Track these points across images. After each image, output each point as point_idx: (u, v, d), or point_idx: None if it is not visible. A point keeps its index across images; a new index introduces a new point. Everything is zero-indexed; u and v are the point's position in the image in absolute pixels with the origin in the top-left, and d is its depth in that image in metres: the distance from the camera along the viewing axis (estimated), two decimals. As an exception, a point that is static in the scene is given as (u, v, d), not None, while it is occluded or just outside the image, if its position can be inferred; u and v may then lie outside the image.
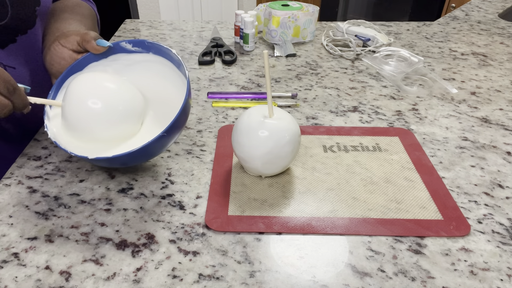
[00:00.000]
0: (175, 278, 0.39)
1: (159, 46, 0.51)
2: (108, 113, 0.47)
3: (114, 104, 0.47)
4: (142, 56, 0.53)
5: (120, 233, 0.44)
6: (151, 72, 0.53)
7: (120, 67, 0.54)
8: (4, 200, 0.48)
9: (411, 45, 0.95)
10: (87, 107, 0.46)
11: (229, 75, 0.80)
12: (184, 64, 0.48)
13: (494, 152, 0.58)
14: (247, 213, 0.46)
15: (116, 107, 0.47)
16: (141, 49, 0.53)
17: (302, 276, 0.39)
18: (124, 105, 0.48)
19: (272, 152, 0.47)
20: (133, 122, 0.49)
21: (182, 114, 0.45)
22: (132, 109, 0.49)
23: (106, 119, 0.47)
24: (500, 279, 0.39)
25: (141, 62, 0.54)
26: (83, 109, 0.46)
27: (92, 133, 0.47)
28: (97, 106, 0.46)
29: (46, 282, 0.39)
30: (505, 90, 0.75)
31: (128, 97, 0.49)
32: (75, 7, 0.67)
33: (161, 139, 0.44)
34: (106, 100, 0.47)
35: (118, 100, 0.48)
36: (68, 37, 0.53)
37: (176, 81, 0.52)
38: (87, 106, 0.46)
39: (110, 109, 0.47)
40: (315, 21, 0.94)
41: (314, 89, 0.75)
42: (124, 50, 0.54)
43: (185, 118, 0.47)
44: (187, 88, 0.45)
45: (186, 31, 1.02)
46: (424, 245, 0.43)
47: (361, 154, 0.56)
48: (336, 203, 0.48)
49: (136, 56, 0.54)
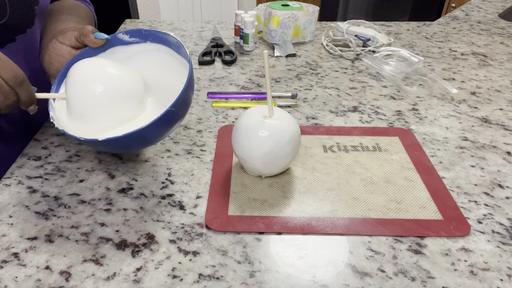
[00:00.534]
0: (175, 278, 0.39)
1: (156, 32, 0.51)
2: (111, 96, 0.47)
3: (117, 87, 0.47)
4: (140, 46, 0.53)
5: (120, 233, 0.44)
6: (150, 62, 0.53)
7: (119, 59, 0.54)
8: (4, 200, 0.48)
9: (411, 45, 0.95)
10: (90, 92, 0.46)
11: (229, 75, 0.80)
12: (183, 45, 0.48)
13: (494, 152, 0.58)
14: (247, 213, 0.46)
15: (119, 90, 0.47)
16: (139, 39, 0.53)
17: (302, 276, 0.39)
18: (127, 88, 0.48)
19: (272, 152, 0.47)
20: (136, 104, 0.49)
21: (187, 90, 0.44)
22: (135, 92, 0.49)
23: (109, 102, 0.47)
24: (500, 279, 0.39)
25: (140, 52, 0.54)
26: (86, 94, 0.46)
27: (96, 117, 0.47)
28: (100, 89, 0.46)
29: (46, 282, 0.39)
30: (505, 90, 0.75)
31: (130, 79, 0.49)
32: (72, 8, 0.67)
33: (168, 115, 0.43)
34: (108, 84, 0.47)
35: (120, 83, 0.48)
36: (66, 33, 0.53)
37: (177, 67, 0.51)
38: (90, 91, 0.46)
39: (113, 92, 0.47)
40: (315, 21, 0.94)
41: (314, 89, 0.75)
42: (121, 42, 0.53)
43: (190, 96, 0.47)
44: (189, 69, 0.45)
45: (186, 31, 1.02)
46: (424, 245, 0.43)
47: (361, 154, 0.56)
48: (336, 203, 0.48)
49: (134, 47, 0.54)
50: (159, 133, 0.46)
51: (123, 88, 0.48)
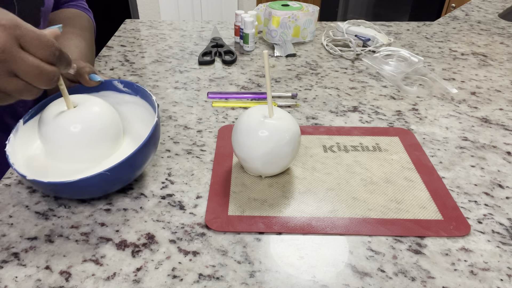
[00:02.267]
0: (175, 278, 0.39)
1: (144, 90, 0.52)
2: (87, 134, 0.46)
3: (93, 125, 0.47)
4: (131, 97, 0.55)
5: (120, 233, 0.44)
6: (135, 115, 0.54)
7: (110, 103, 0.54)
8: (4, 200, 0.48)
9: (411, 45, 0.95)
10: (67, 132, 0.45)
11: (229, 75, 0.80)
12: (158, 110, 0.48)
13: (494, 152, 0.58)
14: (247, 213, 0.46)
15: (94, 127, 0.46)
16: (131, 90, 0.54)
17: (302, 276, 0.39)
18: (103, 125, 0.47)
19: (272, 152, 0.47)
20: (112, 142, 0.49)
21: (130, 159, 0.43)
22: (112, 129, 0.48)
23: (85, 140, 0.46)
24: (500, 279, 0.39)
25: (130, 103, 0.55)
26: (63, 135, 0.45)
27: (71, 155, 0.47)
28: (77, 129, 0.45)
29: (46, 282, 0.39)
30: (505, 90, 0.75)
31: (107, 117, 0.48)
32: (75, 19, 0.68)
33: (103, 177, 0.42)
34: (86, 123, 0.46)
35: (98, 120, 0.47)
36: None
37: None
38: (67, 131, 0.45)
39: (89, 130, 0.46)
40: (315, 21, 0.94)
41: (314, 89, 0.75)
42: (115, 88, 0.55)
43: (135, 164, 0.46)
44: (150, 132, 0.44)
45: (186, 31, 1.02)
46: (424, 245, 0.43)
47: (361, 154, 0.56)
48: (336, 203, 0.48)
49: (126, 97, 0.55)
50: (98, 189, 0.45)
51: (98, 125, 0.47)
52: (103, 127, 0.47)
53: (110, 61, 0.84)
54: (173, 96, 0.71)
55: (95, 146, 0.47)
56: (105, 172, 0.41)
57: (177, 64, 0.84)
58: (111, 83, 0.54)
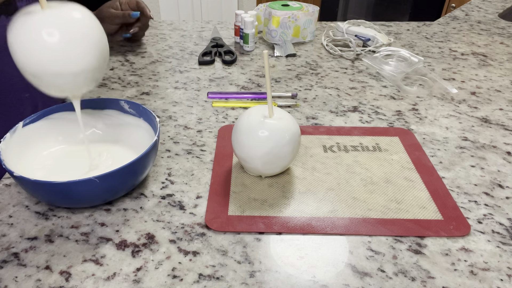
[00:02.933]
0: (175, 278, 0.39)
1: (149, 113, 0.52)
2: (63, 42, 0.39)
3: (74, 34, 0.39)
4: (134, 119, 0.54)
5: (120, 233, 0.44)
6: (136, 138, 0.54)
7: (113, 123, 0.55)
8: (4, 200, 0.48)
9: (411, 45, 0.95)
10: (38, 38, 0.38)
11: (229, 75, 0.80)
12: (159, 132, 0.48)
13: (494, 152, 0.58)
14: (247, 213, 0.46)
15: (74, 35, 0.39)
16: (135, 112, 0.54)
17: (302, 276, 0.39)
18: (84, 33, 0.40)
19: (272, 152, 0.47)
20: (99, 54, 0.42)
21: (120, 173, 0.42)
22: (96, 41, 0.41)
23: (61, 50, 0.39)
24: (500, 279, 0.39)
25: (132, 125, 0.55)
26: (37, 45, 0.38)
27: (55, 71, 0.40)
28: (52, 37, 0.38)
29: (46, 282, 0.39)
30: (505, 90, 0.75)
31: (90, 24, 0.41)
32: None
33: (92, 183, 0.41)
34: (63, 28, 0.39)
35: (79, 28, 0.40)
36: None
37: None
38: (40, 37, 0.38)
39: (69, 40, 0.39)
40: (315, 21, 0.94)
41: (314, 89, 0.75)
42: (120, 108, 0.55)
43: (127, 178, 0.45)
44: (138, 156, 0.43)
45: (186, 31, 1.02)
46: (424, 245, 0.43)
47: (361, 154, 0.56)
48: (336, 203, 0.48)
49: (130, 118, 0.55)
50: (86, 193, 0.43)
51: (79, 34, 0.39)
52: (82, 35, 0.40)
53: (110, 61, 0.84)
54: (173, 96, 0.71)
55: (71, 57, 0.39)
56: (94, 178, 0.41)
57: (177, 64, 0.84)
58: (117, 103, 0.54)
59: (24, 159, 0.49)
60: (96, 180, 0.41)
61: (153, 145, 0.46)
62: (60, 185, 0.41)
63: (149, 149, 0.45)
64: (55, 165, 0.51)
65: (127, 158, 0.45)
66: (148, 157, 0.46)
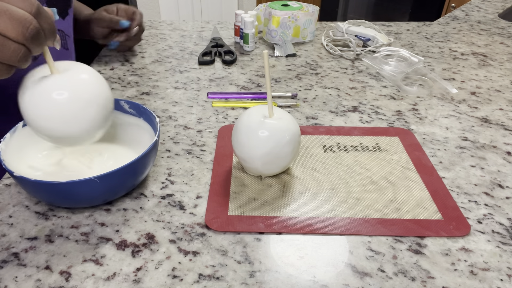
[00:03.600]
0: (175, 278, 0.39)
1: (149, 113, 0.52)
2: (73, 102, 0.41)
3: (80, 92, 0.41)
4: (134, 119, 0.55)
5: (120, 233, 0.44)
6: (136, 137, 0.54)
7: (113, 124, 0.55)
8: (4, 200, 0.48)
9: (411, 45, 0.95)
10: (49, 99, 0.40)
11: (229, 75, 0.80)
12: (159, 132, 0.48)
13: (494, 152, 0.58)
14: (247, 213, 0.46)
15: (81, 96, 0.41)
16: (136, 112, 0.54)
17: (302, 276, 0.39)
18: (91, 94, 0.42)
19: (272, 152, 0.47)
20: (101, 117, 0.44)
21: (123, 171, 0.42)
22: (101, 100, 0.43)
23: (70, 110, 0.41)
24: (500, 279, 0.39)
25: (133, 125, 0.55)
26: (43, 102, 0.40)
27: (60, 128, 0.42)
28: (62, 97, 0.40)
29: (46, 282, 0.39)
30: (505, 90, 0.75)
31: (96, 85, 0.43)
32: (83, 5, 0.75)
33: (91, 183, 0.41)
34: (72, 89, 0.41)
35: (85, 88, 0.42)
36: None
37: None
38: (50, 98, 0.40)
39: (76, 99, 0.41)
40: (315, 21, 0.94)
41: (314, 89, 0.75)
42: (121, 108, 0.55)
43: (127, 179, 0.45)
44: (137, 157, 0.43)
45: (186, 31, 1.02)
46: (424, 245, 0.43)
47: (361, 154, 0.56)
48: (336, 203, 0.48)
49: (130, 118, 0.55)
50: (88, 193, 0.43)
51: (86, 94, 0.42)
52: (91, 97, 0.42)
53: (110, 61, 0.84)
54: (173, 96, 0.71)
55: (81, 118, 0.42)
56: (94, 178, 0.41)
57: (177, 64, 0.84)
58: (117, 103, 0.54)
59: (24, 159, 0.49)
60: (96, 180, 0.41)
61: (153, 145, 0.46)
62: (61, 185, 0.41)
63: (149, 149, 0.45)
64: (55, 165, 0.51)
65: (127, 158, 0.45)
66: (148, 157, 0.45)
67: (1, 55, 0.35)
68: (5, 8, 0.34)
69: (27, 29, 0.35)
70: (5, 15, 0.34)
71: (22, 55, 0.36)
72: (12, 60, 0.35)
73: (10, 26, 0.34)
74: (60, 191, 0.42)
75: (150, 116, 0.52)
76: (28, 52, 0.36)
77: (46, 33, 0.37)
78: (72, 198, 0.43)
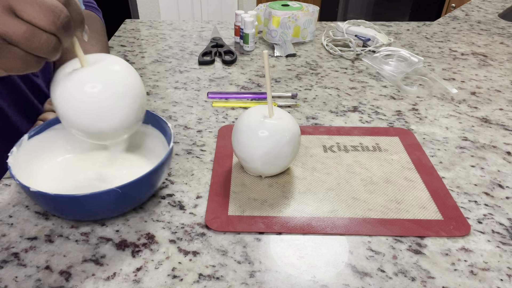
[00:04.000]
0: (175, 278, 0.39)
1: (159, 118, 0.50)
2: (106, 96, 0.39)
3: (113, 85, 0.39)
4: (142, 126, 0.51)
5: (120, 233, 0.44)
6: (146, 144, 0.52)
7: None
8: (4, 200, 0.48)
9: (411, 45, 0.95)
10: (81, 93, 0.38)
11: (229, 75, 0.80)
12: (173, 139, 0.46)
13: (494, 152, 0.58)
14: (247, 213, 0.46)
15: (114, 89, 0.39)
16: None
17: (302, 276, 0.39)
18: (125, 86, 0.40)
19: (272, 152, 0.47)
20: (134, 110, 0.41)
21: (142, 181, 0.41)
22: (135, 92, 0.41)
23: (102, 104, 0.39)
24: (500, 279, 0.39)
25: (139, 132, 0.52)
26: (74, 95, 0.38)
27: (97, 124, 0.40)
28: (94, 90, 0.38)
29: (46, 282, 0.39)
30: (505, 90, 0.75)
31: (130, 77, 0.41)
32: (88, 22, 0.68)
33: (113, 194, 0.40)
34: (105, 82, 0.39)
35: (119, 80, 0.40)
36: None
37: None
38: (82, 92, 0.38)
39: (109, 91, 0.39)
40: (315, 21, 0.94)
41: (314, 89, 0.75)
42: None
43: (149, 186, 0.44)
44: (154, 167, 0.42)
45: (186, 31, 1.02)
46: (424, 245, 0.43)
47: (361, 154, 0.56)
48: (336, 203, 0.48)
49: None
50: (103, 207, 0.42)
51: (120, 87, 0.40)
52: (125, 89, 0.40)
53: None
54: (173, 96, 0.71)
55: (115, 111, 0.39)
56: (116, 189, 0.39)
57: (177, 64, 0.84)
58: None
59: (33, 171, 0.48)
60: (119, 190, 0.39)
61: (169, 152, 0.44)
62: (82, 197, 0.39)
63: (166, 157, 0.43)
64: (64, 175, 0.49)
65: (141, 167, 0.44)
66: (164, 165, 0.44)
67: (32, 46, 0.32)
68: None
69: (58, 17, 0.32)
70: (35, 4, 0.31)
71: (54, 45, 0.33)
72: (43, 51, 0.33)
73: (42, 15, 0.31)
74: (82, 204, 0.40)
75: (160, 121, 0.50)
76: (59, 42, 0.34)
77: (76, 22, 0.35)
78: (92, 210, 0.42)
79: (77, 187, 0.47)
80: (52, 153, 0.51)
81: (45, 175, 0.49)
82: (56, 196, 0.39)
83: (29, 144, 0.48)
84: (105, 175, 0.49)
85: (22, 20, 0.31)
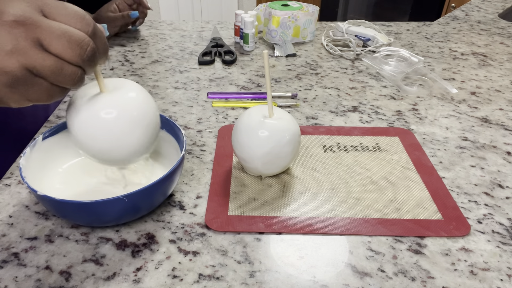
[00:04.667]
0: (175, 278, 0.39)
1: (173, 124, 0.50)
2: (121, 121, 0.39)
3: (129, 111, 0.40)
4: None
5: (120, 233, 0.44)
6: (157, 149, 0.52)
7: None
8: (4, 200, 0.48)
9: (411, 45, 0.95)
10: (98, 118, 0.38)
11: (229, 75, 0.80)
12: (185, 146, 0.45)
13: (494, 152, 0.58)
14: (247, 213, 0.46)
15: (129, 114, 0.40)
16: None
17: (302, 276, 0.39)
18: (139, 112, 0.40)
19: (272, 152, 0.47)
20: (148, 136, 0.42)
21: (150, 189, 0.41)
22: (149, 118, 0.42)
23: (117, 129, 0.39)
24: (500, 279, 0.39)
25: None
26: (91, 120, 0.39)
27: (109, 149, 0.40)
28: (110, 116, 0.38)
29: (46, 282, 0.39)
30: (505, 90, 0.75)
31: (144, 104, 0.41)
32: None
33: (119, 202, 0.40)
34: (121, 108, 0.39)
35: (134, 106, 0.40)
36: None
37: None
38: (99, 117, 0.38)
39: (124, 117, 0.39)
40: (315, 21, 0.94)
41: (314, 89, 0.75)
42: None
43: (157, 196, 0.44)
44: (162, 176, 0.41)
45: (186, 31, 1.02)
46: (424, 245, 0.43)
47: (361, 154, 0.56)
48: (336, 203, 0.48)
49: None
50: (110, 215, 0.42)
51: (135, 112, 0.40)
52: (139, 115, 0.40)
53: (110, 61, 0.84)
54: (173, 96, 0.71)
55: (129, 138, 0.40)
56: (122, 197, 0.39)
57: (177, 64, 0.84)
58: None
59: (46, 173, 0.47)
60: (125, 199, 0.39)
61: (181, 160, 0.44)
62: (90, 204, 0.39)
63: (178, 162, 0.43)
64: (77, 179, 0.49)
65: (153, 172, 0.44)
66: (177, 170, 0.44)
67: (58, 79, 0.33)
68: (63, 30, 0.32)
69: (85, 51, 0.33)
70: (63, 37, 0.32)
71: (79, 78, 0.34)
72: (69, 83, 0.34)
73: (69, 49, 0.32)
74: (89, 211, 0.40)
75: (174, 127, 0.49)
76: (83, 73, 0.35)
77: (101, 52, 0.36)
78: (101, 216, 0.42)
79: (87, 192, 0.47)
80: (66, 156, 0.50)
81: (57, 178, 0.48)
82: (62, 202, 0.39)
83: (43, 145, 0.47)
84: (118, 180, 0.49)
85: (50, 54, 0.32)
